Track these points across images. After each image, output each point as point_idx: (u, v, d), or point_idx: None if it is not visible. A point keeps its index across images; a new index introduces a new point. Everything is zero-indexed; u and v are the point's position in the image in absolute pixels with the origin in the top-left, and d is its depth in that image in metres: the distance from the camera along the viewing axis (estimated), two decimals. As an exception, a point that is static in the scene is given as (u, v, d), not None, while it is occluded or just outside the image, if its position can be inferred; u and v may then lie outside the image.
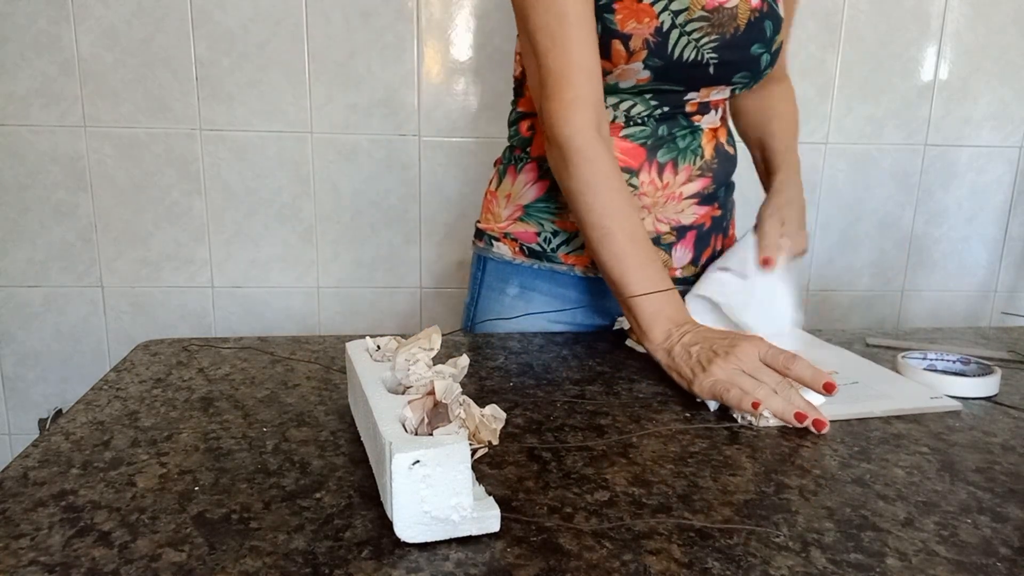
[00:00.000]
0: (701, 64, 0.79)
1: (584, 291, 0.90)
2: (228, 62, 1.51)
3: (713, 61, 0.79)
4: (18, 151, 1.52)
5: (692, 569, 0.41)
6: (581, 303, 0.90)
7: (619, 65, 0.78)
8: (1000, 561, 0.43)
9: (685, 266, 0.90)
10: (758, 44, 0.81)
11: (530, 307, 0.89)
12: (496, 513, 0.44)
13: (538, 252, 0.88)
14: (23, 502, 0.47)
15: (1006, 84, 1.68)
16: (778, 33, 0.82)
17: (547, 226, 0.88)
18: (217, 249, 1.61)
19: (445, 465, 0.42)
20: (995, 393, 0.70)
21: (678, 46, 0.77)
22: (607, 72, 0.79)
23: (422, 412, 0.50)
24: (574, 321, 0.90)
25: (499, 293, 0.91)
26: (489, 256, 0.92)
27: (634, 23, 0.75)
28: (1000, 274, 1.81)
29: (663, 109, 0.83)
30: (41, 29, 1.46)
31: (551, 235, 0.88)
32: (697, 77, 0.80)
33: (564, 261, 0.88)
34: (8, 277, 1.58)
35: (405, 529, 0.43)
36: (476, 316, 0.93)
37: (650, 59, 0.77)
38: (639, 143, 0.83)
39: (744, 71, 0.82)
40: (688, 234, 0.88)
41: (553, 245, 0.87)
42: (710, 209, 0.89)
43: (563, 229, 0.87)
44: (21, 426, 1.67)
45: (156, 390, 0.67)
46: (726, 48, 0.79)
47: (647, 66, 0.77)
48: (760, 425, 0.61)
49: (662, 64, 0.77)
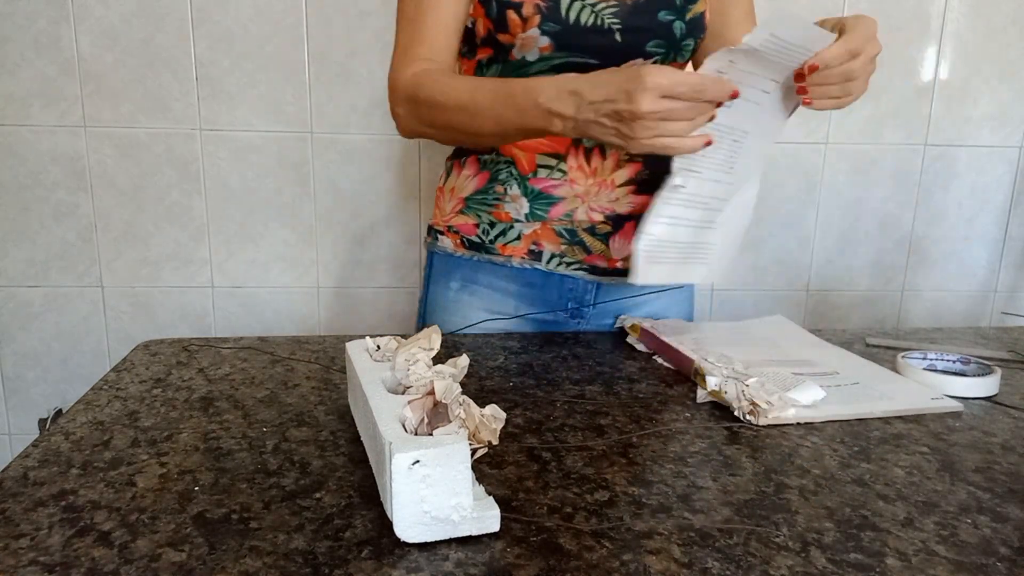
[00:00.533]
0: (604, 30, 0.78)
1: (523, 283, 0.90)
2: (228, 62, 1.51)
3: (616, 27, 0.78)
4: (18, 151, 1.52)
5: (692, 569, 0.41)
6: (520, 295, 0.90)
7: (517, 35, 0.78)
8: (1000, 561, 0.43)
9: (627, 257, 0.89)
10: (666, 11, 0.79)
11: (473, 300, 0.90)
12: (496, 513, 0.44)
13: (477, 244, 0.89)
14: (23, 502, 0.47)
15: (1006, 84, 1.68)
16: (692, 3, 0.81)
17: (484, 217, 0.88)
18: (217, 249, 1.61)
19: (445, 465, 0.42)
20: (995, 393, 0.70)
21: (572, 10, 0.77)
22: (510, 46, 0.79)
23: (422, 412, 0.50)
24: (517, 313, 0.90)
25: (444, 288, 0.92)
26: (435, 251, 0.94)
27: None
28: (1000, 274, 1.81)
29: None
30: (41, 29, 1.46)
31: (488, 226, 0.88)
32: (605, 46, 0.79)
33: (501, 252, 0.89)
34: (8, 277, 1.58)
35: (405, 529, 0.43)
36: (425, 311, 0.95)
37: (545, 24, 0.77)
38: None
39: (656, 39, 0.80)
40: (626, 224, 0.87)
41: (491, 236, 0.88)
42: (649, 197, 0.85)
43: (498, 220, 0.88)
44: (21, 426, 1.67)
45: (156, 390, 0.67)
46: (630, 14, 0.78)
47: (544, 31, 0.77)
48: (760, 424, 0.61)
49: (559, 29, 0.77)
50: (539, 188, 0.85)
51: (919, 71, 1.66)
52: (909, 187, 1.73)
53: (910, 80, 1.66)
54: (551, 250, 0.88)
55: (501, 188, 0.87)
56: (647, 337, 0.81)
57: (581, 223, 0.86)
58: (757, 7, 0.90)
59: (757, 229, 1.72)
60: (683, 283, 0.94)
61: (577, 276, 0.89)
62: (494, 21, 0.79)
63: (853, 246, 1.76)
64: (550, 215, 0.86)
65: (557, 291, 0.89)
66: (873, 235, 1.75)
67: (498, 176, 0.87)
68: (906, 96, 1.67)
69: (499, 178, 0.87)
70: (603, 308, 0.92)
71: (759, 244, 1.73)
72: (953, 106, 1.68)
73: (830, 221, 1.74)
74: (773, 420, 0.61)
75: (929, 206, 1.75)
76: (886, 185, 1.72)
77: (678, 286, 0.95)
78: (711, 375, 0.66)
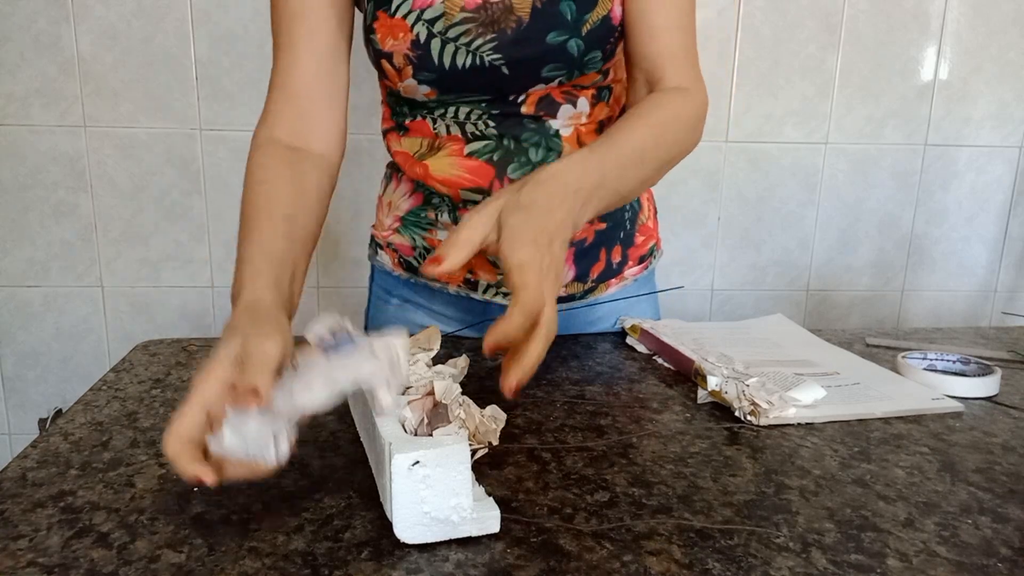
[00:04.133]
0: (486, 68, 0.71)
1: (461, 309, 0.87)
2: (228, 62, 1.51)
3: (499, 63, 0.71)
4: (18, 151, 1.52)
5: (692, 570, 0.41)
6: (461, 320, 0.87)
7: (397, 83, 0.74)
8: (1001, 561, 0.43)
9: (570, 283, 0.84)
10: (556, 32, 0.70)
11: (415, 317, 0.88)
12: (496, 514, 0.44)
13: (414, 267, 0.86)
14: (22, 503, 0.47)
15: (1006, 84, 1.68)
16: (588, 12, 0.70)
17: (418, 241, 0.84)
18: (217, 249, 1.61)
19: (445, 466, 0.42)
20: (995, 393, 0.70)
21: (445, 55, 0.71)
22: (396, 91, 0.76)
23: (422, 412, 0.50)
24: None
25: (385, 303, 0.90)
26: (375, 264, 0.91)
27: (391, 40, 0.71)
28: (1000, 274, 1.81)
29: (493, 111, 0.75)
30: (41, 29, 1.46)
31: (424, 251, 0.84)
32: (494, 82, 0.72)
33: (439, 279, 0.85)
34: (8, 277, 1.58)
35: (405, 530, 0.43)
36: (369, 323, 0.93)
37: (419, 73, 0.72)
38: (484, 159, 0.76)
39: (551, 64, 0.72)
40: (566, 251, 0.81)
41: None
42: (589, 224, 0.79)
43: (432, 246, 0.83)
44: (21, 426, 1.66)
45: (155, 390, 0.67)
46: (512, 45, 0.70)
47: (421, 80, 0.72)
48: (761, 424, 0.61)
49: (435, 76, 0.72)
50: None
51: (919, 71, 1.66)
52: (909, 187, 1.73)
53: (910, 80, 1.66)
54: (487, 280, 0.83)
55: (433, 214, 0.82)
56: (647, 337, 0.81)
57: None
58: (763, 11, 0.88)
59: (757, 229, 1.72)
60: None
61: None
62: (375, 66, 0.75)
63: (853, 246, 1.76)
64: None
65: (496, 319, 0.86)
66: (873, 235, 1.75)
67: (431, 200, 0.82)
68: (906, 96, 1.67)
69: (432, 202, 0.82)
70: None
71: (759, 244, 1.73)
72: (953, 106, 1.68)
73: (830, 221, 1.73)
74: (774, 420, 0.61)
75: (929, 206, 1.75)
76: (886, 185, 1.72)
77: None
78: (711, 375, 0.66)
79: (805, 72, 1.63)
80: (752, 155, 1.67)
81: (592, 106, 0.77)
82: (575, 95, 0.76)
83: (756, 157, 1.67)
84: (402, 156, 0.82)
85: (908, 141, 1.70)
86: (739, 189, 1.69)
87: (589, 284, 0.86)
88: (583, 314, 0.88)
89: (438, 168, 0.78)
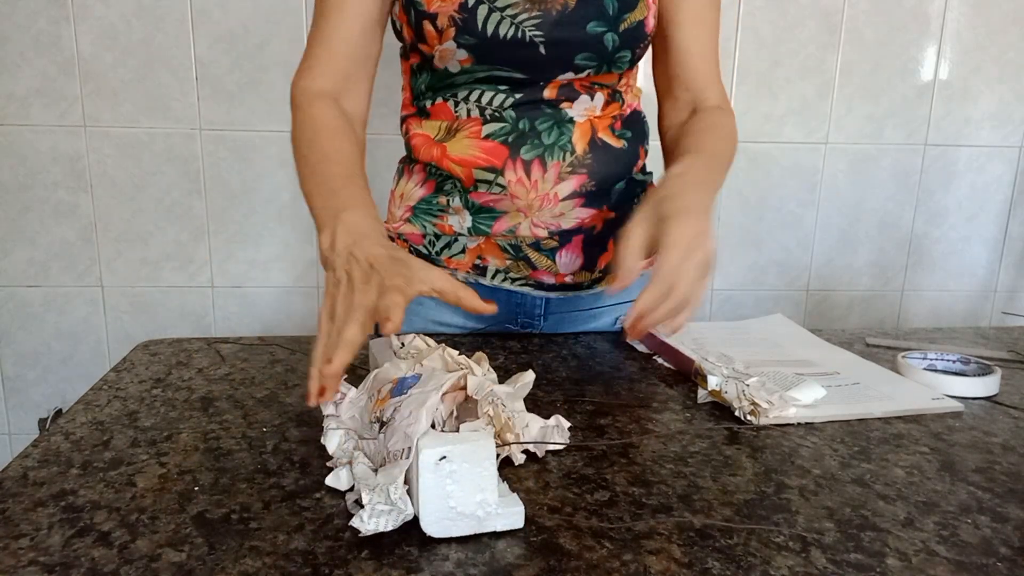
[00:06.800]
0: (525, 43, 0.74)
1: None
2: (228, 62, 1.51)
3: (539, 40, 0.74)
4: (18, 151, 1.52)
5: (692, 569, 0.41)
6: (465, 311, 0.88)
7: (434, 47, 0.76)
8: (1000, 561, 0.43)
9: (577, 272, 0.85)
10: (596, 22, 0.74)
11: (420, 309, 0.88)
12: (520, 510, 0.45)
13: (424, 255, 0.86)
14: (23, 502, 0.47)
15: (1006, 84, 1.68)
16: (628, 12, 0.75)
17: (429, 228, 0.85)
18: (217, 249, 1.61)
19: (471, 461, 0.43)
20: (995, 393, 0.70)
21: (489, 22, 0.73)
22: (430, 56, 0.78)
23: (452, 405, 0.50)
24: (465, 325, 0.89)
25: None
26: None
27: (439, 2, 0.73)
28: (1000, 274, 1.81)
29: (516, 96, 0.78)
30: (41, 29, 1.46)
31: (434, 237, 0.85)
32: (528, 59, 0.75)
33: (447, 265, 0.86)
34: (8, 277, 1.58)
35: (431, 524, 0.43)
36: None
37: (461, 36, 0.74)
38: (500, 140, 0.78)
39: (585, 52, 0.76)
40: (574, 238, 0.83)
41: (437, 248, 0.85)
42: (598, 211, 0.82)
43: (442, 232, 0.84)
44: (21, 426, 1.67)
45: (156, 390, 0.67)
46: (554, 26, 0.74)
47: (461, 44, 0.74)
48: (761, 423, 0.61)
49: (476, 41, 0.74)
50: (480, 202, 0.81)
51: (919, 71, 1.66)
52: (909, 187, 1.73)
53: (910, 80, 1.66)
54: (496, 265, 0.84)
55: (444, 199, 0.83)
56: (647, 337, 0.81)
57: (525, 239, 0.82)
58: (763, 11, 0.89)
59: (757, 229, 1.72)
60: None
61: (524, 291, 0.86)
62: (413, 30, 0.76)
63: (853, 246, 1.76)
64: (493, 230, 0.82)
65: (505, 306, 0.87)
66: (873, 235, 1.75)
67: (443, 187, 0.83)
68: (906, 96, 1.67)
69: (444, 188, 0.83)
70: (555, 322, 0.89)
71: (759, 244, 1.73)
72: (953, 106, 1.68)
73: (830, 221, 1.74)
74: (774, 420, 0.61)
75: (929, 206, 1.75)
76: (886, 185, 1.72)
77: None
78: (711, 375, 0.66)
79: (805, 72, 1.63)
80: (752, 155, 1.67)
81: (606, 104, 0.81)
82: (594, 90, 0.80)
83: (756, 157, 1.67)
84: (421, 138, 0.84)
85: (908, 141, 1.70)
86: (739, 189, 1.69)
87: (596, 274, 0.87)
88: (587, 301, 0.89)
89: (455, 149, 0.80)
